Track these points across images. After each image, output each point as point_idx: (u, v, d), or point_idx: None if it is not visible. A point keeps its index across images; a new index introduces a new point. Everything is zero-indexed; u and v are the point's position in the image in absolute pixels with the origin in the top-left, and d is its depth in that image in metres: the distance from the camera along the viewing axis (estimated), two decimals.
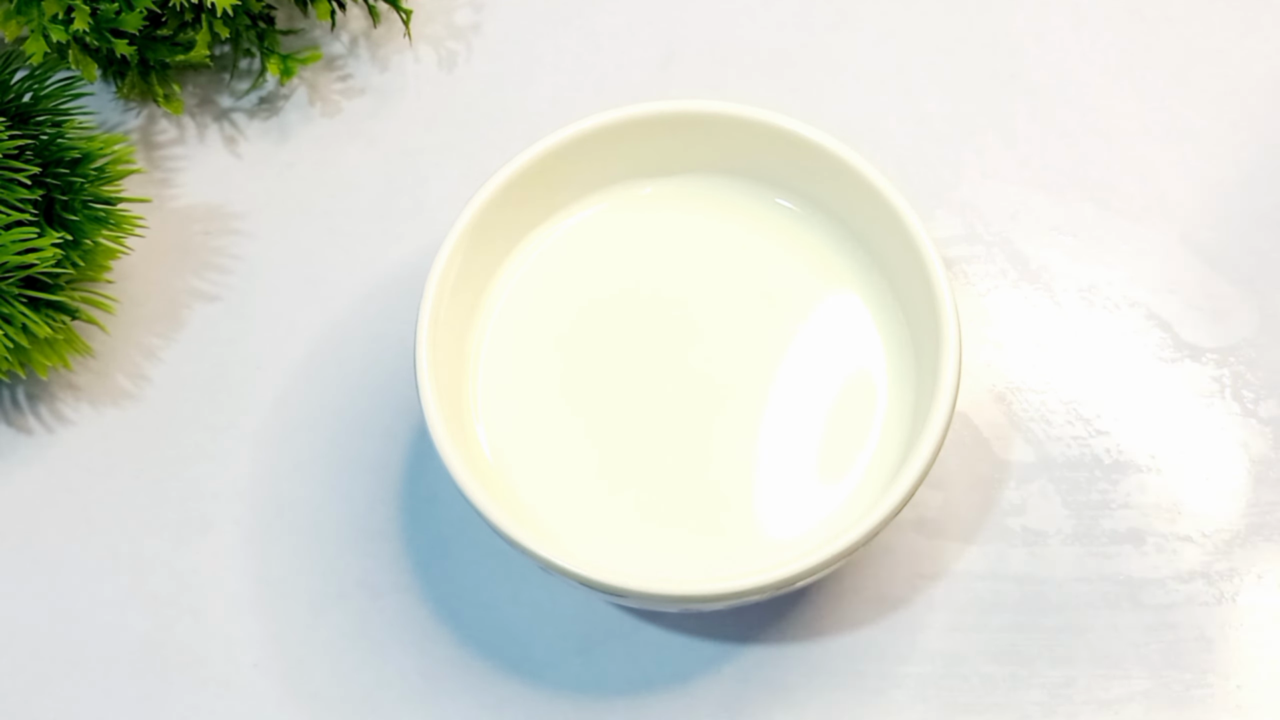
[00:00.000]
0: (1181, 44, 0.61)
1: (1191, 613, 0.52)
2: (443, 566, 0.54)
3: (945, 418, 0.46)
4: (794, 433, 0.50)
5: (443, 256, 0.49)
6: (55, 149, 0.54)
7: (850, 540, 0.45)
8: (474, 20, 0.63)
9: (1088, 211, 0.58)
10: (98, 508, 0.55)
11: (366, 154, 0.61)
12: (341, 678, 0.52)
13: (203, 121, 0.62)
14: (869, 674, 0.52)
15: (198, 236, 0.59)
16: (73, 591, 0.54)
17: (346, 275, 0.58)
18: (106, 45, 0.56)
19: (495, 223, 0.51)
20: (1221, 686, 0.51)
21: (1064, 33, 0.62)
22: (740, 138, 0.51)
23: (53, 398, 0.57)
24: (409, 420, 0.56)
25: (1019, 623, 0.52)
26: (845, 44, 0.62)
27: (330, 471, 0.55)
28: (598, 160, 0.52)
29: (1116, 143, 0.59)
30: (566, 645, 0.52)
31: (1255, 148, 0.59)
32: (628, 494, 0.49)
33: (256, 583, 0.54)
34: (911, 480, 0.46)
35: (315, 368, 0.57)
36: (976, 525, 0.53)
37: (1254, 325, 0.56)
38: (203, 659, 0.53)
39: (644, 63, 0.62)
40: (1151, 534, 0.53)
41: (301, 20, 0.63)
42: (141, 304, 0.58)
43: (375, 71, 0.62)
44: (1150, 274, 0.57)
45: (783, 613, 0.52)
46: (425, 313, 0.48)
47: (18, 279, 0.52)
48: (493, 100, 0.61)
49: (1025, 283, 0.57)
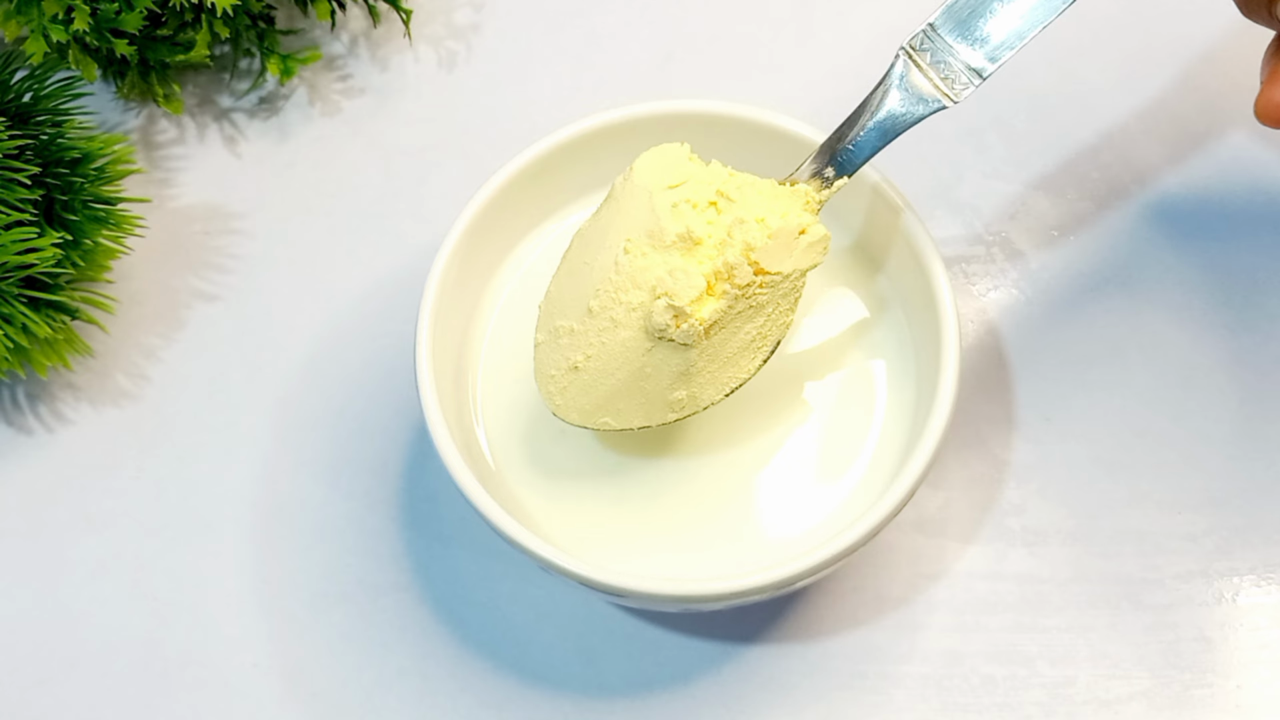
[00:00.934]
0: (1180, 43, 0.61)
1: (1191, 613, 0.52)
2: (443, 566, 0.54)
3: (945, 418, 0.46)
4: (794, 433, 0.50)
5: (443, 256, 0.49)
6: (55, 149, 0.54)
7: (850, 540, 0.45)
8: (474, 20, 0.63)
9: (1088, 211, 0.58)
10: (98, 508, 0.55)
11: (366, 154, 0.61)
12: (341, 678, 0.52)
13: (203, 121, 0.62)
14: (869, 674, 0.52)
15: (198, 236, 0.59)
16: (73, 591, 0.54)
17: (346, 275, 0.58)
18: (106, 45, 0.56)
19: (495, 223, 0.51)
20: (1221, 686, 0.51)
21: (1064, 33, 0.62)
22: (740, 137, 0.51)
23: (53, 398, 0.57)
24: (409, 420, 0.56)
25: (1019, 623, 0.52)
26: (845, 44, 0.62)
27: (330, 471, 0.55)
28: (598, 160, 0.52)
29: (1116, 143, 0.59)
30: (566, 645, 0.52)
31: (1256, 148, 0.59)
32: (628, 494, 0.49)
33: (256, 583, 0.54)
34: (911, 480, 0.46)
35: (315, 368, 0.57)
36: (976, 525, 0.53)
37: (1255, 327, 0.56)
38: (203, 659, 0.53)
39: (644, 63, 0.62)
40: (1151, 534, 0.53)
41: (301, 20, 0.63)
42: (141, 304, 0.58)
43: (375, 71, 0.62)
44: (1150, 274, 0.57)
45: (783, 613, 0.52)
46: (425, 313, 0.48)
47: (18, 279, 0.52)
48: (493, 100, 0.61)
49: (1025, 283, 0.57)
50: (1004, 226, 0.58)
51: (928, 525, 0.53)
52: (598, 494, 0.49)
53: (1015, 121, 0.60)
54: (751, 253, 0.44)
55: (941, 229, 0.58)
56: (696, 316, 0.44)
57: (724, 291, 0.44)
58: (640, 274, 0.44)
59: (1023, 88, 0.60)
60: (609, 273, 0.45)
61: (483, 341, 0.52)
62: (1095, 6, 0.61)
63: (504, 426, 0.50)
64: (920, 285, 0.49)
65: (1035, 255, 0.57)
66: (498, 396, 0.51)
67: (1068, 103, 0.60)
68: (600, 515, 0.49)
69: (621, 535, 0.49)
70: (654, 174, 0.45)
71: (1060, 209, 0.58)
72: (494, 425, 0.50)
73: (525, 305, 0.52)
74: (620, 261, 0.45)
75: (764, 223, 0.45)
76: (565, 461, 0.50)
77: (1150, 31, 0.61)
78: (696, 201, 0.45)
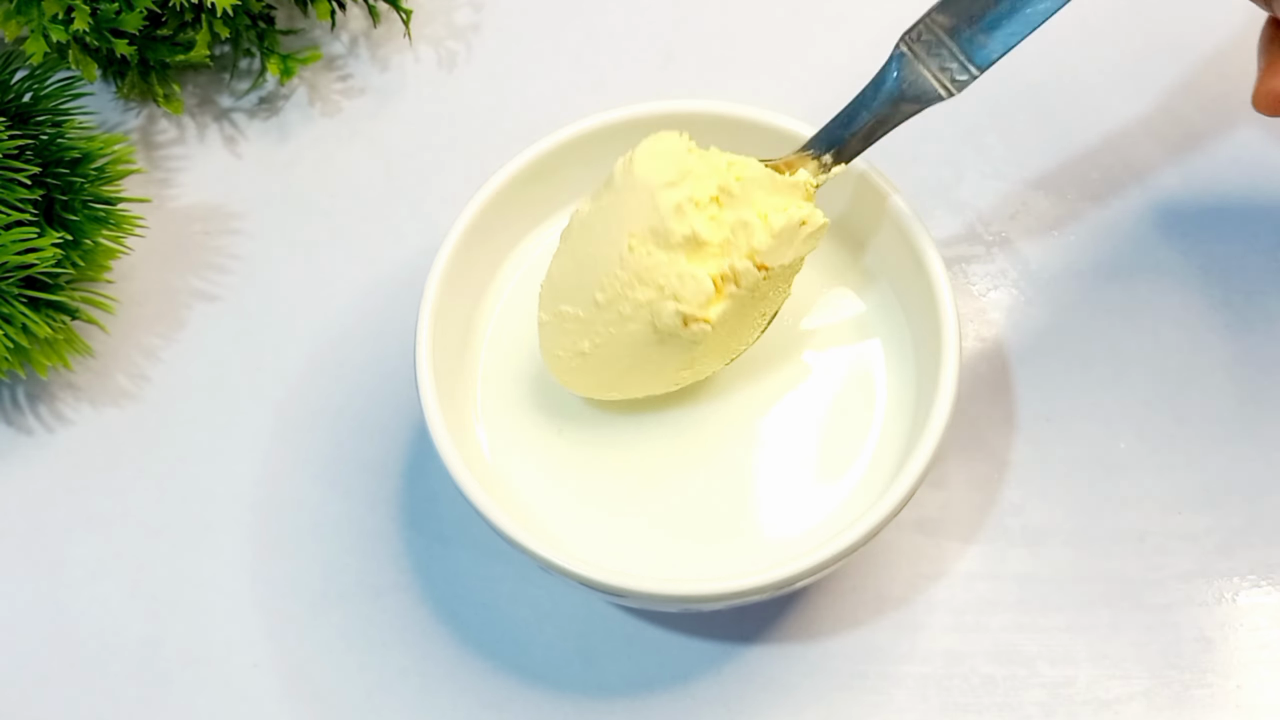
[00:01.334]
0: (1181, 43, 0.61)
1: (1191, 613, 0.52)
2: (443, 566, 0.54)
3: (945, 418, 0.46)
4: (794, 433, 0.50)
5: (443, 256, 0.49)
6: (55, 149, 0.54)
7: (850, 540, 0.45)
8: (474, 20, 0.63)
9: (1088, 211, 0.58)
10: (98, 508, 0.55)
11: (366, 154, 0.61)
12: (341, 678, 0.52)
13: (203, 121, 0.62)
14: (869, 674, 0.52)
15: (198, 236, 0.59)
16: (73, 591, 0.54)
17: (346, 275, 0.58)
18: (106, 45, 0.56)
19: (495, 223, 0.51)
20: (1221, 686, 0.51)
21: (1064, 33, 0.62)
22: (740, 137, 0.51)
23: (53, 398, 0.57)
24: (409, 420, 0.56)
25: (1019, 623, 0.52)
26: (845, 44, 0.62)
27: (330, 471, 0.55)
28: (598, 160, 0.52)
29: (1116, 143, 0.59)
30: (566, 645, 0.52)
31: (1256, 148, 0.59)
32: (628, 494, 0.49)
33: (256, 583, 0.54)
34: (911, 480, 0.46)
35: (315, 367, 0.57)
36: (976, 525, 0.53)
37: (1255, 327, 0.56)
38: (203, 659, 0.53)
39: (644, 63, 0.62)
40: (1151, 534, 0.53)
41: (301, 20, 0.63)
42: (141, 304, 0.58)
43: (375, 71, 0.62)
44: (1150, 275, 0.57)
45: (783, 613, 0.52)
46: (425, 313, 0.48)
47: (18, 279, 0.52)
48: (493, 100, 0.61)
49: (1025, 283, 0.57)
50: (1004, 226, 0.58)
51: (928, 525, 0.53)
52: (598, 494, 0.49)
53: (1015, 121, 0.60)
54: (756, 255, 0.45)
55: (941, 229, 0.58)
56: (705, 319, 0.45)
57: (731, 293, 0.45)
58: (647, 272, 0.45)
59: (1023, 87, 0.60)
60: (614, 267, 0.45)
61: (483, 341, 0.52)
62: (1096, 6, 0.62)
63: (504, 426, 0.50)
64: (920, 285, 0.49)
65: (1035, 255, 0.57)
66: (498, 396, 0.51)
67: (1068, 103, 0.60)
68: (600, 515, 0.49)
69: (621, 535, 0.48)
70: (655, 168, 0.45)
71: (1060, 209, 0.58)
72: (494, 425, 0.50)
73: (525, 305, 0.52)
74: (625, 258, 0.45)
75: (767, 221, 0.45)
76: (565, 461, 0.50)
77: (1151, 31, 0.61)
78: (699, 199, 0.45)
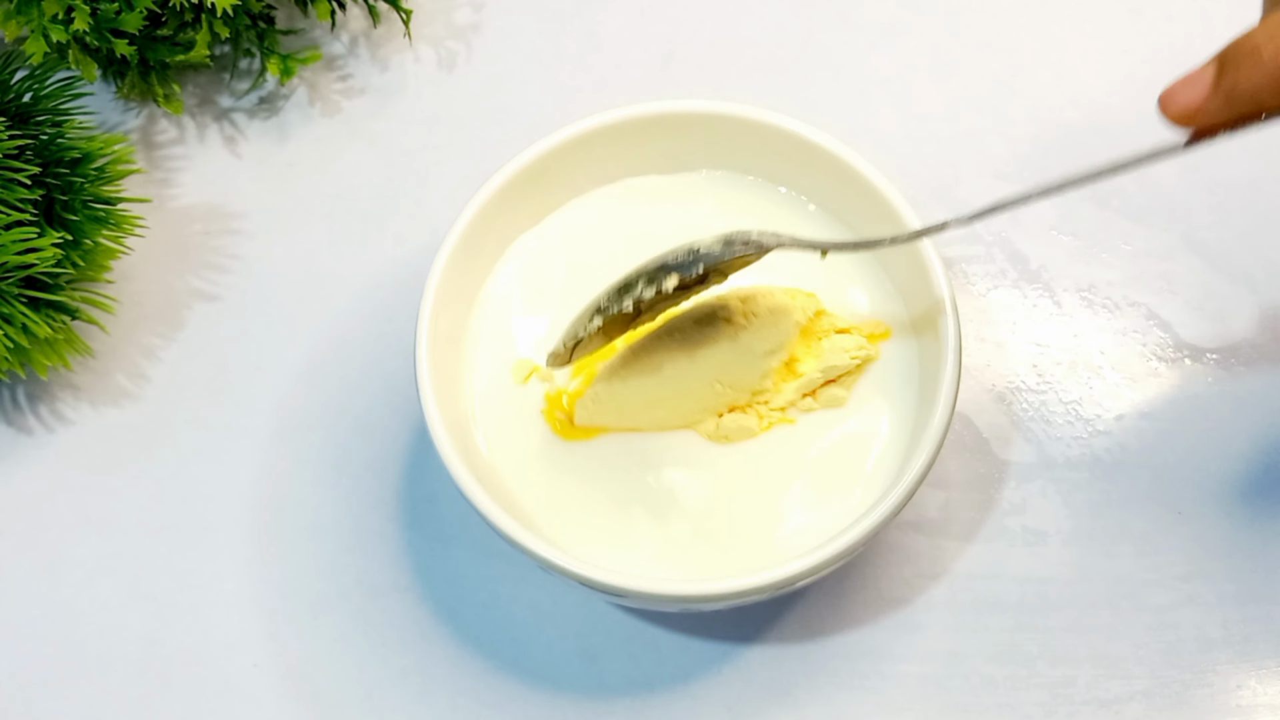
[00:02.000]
0: (1182, 43, 0.61)
1: (1191, 613, 0.52)
2: (443, 566, 0.54)
3: (945, 418, 0.46)
4: (794, 433, 0.50)
5: (443, 256, 0.49)
6: (55, 149, 0.54)
7: (850, 540, 0.45)
8: (474, 20, 0.63)
9: (1088, 211, 0.58)
10: (98, 508, 0.55)
11: (366, 154, 0.61)
12: (341, 678, 0.52)
13: (203, 121, 0.62)
14: (869, 674, 0.52)
15: (198, 236, 0.59)
16: (73, 591, 0.54)
17: (346, 275, 0.58)
18: (106, 45, 0.56)
19: (495, 222, 0.51)
20: (1221, 686, 0.51)
21: (1064, 33, 0.62)
22: (740, 137, 0.51)
23: (53, 398, 0.57)
24: (409, 420, 0.56)
25: (1019, 623, 0.52)
26: (845, 44, 0.62)
27: (330, 471, 0.55)
28: (597, 160, 0.52)
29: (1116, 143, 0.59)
30: (566, 645, 0.52)
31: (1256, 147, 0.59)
32: (627, 495, 0.49)
33: (256, 583, 0.54)
34: (911, 480, 0.46)
35: (315, 368, 0.57)
36: (976, 525, 0.53)
37: (1254, 325, 0.56)
38: (203, 659, 0.53)
39: (644, 63, 0.62)
40: (1151, 534, 0.53)
41: (301, 20, 0.63)
42: (141, 304, 0.58)
43: (375, 71, 0.62)
44: (1150, 274, 0.57)
45: (783, 613, 0.52)
46: (425, 313, 0.48)
47: (18, 279, 0.52)
48: (493, 100, 0.61)
49: (1025, 283, 0.57)
50: (1004, 226, 0.58)
51: (928, 525, 0.53)
52: (597, 494, 0.49)
53: (1015, 121, 0.60)
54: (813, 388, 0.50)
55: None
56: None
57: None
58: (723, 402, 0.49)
59: (1023, 88, 0.60)
60: (693, 384, 0.49)
61: (482, 341, 0.52)
62: (1096, 6, 0.62)
63: (504, 426, 0.50)
64: (920, 285, 0.49)
65: (1035, 255, 0.57)
66: (497, 396, 0.51)
67: (1068, 103, 0.60)
68: (600, 515, 0.49)
69: (621, 535, 0.48)
70: (765, 330, 0.49)
71: (1060, 209, 0.58)
72: (494, 425, 0.50)
73: (525, 306, 0.52)
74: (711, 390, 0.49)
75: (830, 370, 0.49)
76: (565, 461, 0.50)
77: (1151, 32, 0.61)
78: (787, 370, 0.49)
